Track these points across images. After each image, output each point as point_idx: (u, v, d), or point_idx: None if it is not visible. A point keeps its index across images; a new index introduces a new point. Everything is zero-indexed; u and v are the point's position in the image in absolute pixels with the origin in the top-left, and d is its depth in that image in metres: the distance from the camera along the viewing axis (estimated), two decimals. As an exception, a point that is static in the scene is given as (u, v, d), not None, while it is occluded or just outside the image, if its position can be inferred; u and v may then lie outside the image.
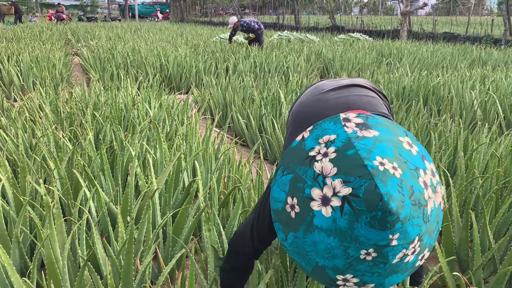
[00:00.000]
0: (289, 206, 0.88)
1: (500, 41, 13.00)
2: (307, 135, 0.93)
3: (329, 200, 0.82)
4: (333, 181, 0.82)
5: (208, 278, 1.73)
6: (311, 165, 0.87)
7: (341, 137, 0.87)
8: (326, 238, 0.83)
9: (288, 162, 0.92)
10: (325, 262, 0.86)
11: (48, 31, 13.56)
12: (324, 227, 0.82)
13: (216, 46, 8.77)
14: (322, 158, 0.86)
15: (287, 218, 0.89)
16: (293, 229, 0.88)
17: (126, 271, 1.50)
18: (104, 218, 1.86)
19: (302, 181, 0.86)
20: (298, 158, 0.91)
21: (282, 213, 0.90)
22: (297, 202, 0.87)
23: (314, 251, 0.86)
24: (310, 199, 0.84)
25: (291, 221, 0.88)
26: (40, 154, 2.33)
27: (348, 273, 0.85)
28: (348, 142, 0.85)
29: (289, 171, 0.90)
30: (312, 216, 0.84)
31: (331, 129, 0.91)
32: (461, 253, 1.94)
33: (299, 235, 0.87)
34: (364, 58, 7.66)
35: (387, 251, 0.80)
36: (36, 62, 6.01)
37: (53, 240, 1.50)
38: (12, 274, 1.37)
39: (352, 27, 18.56)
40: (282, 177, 0.92)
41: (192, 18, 30.16)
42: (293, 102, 1.50)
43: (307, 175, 0.86)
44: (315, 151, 0.88)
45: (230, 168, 2.53)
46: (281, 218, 0.91)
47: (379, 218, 0.78)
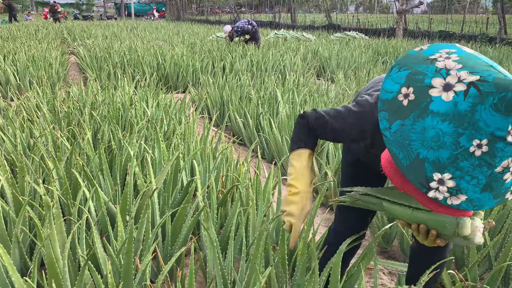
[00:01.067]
0: (403, 95, 0.88)
1: (495, 39, 13.07)
2: (425, 48, 0.94)
3: (452, 86, 0.82)
4: (458, 72, 0.83)
5: (207, 277, 1.74)
6: (432, 63, 0.87)
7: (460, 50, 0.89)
8: (440, 123, 0.81)
9: (406, 63, 0.92)
10: (428, 154, 0.83)
11: (44, 30, 13.50)
12: (441, 111, 0.81)
13: (213, 45, 8.77)
14: (445, 59, 0.87)
15: (397, 106, 0.88)
16: (402, 116, 0.87)
17: (126, 270, 1.51)
18: (104, 217, 1.87)
19: (421, 74, 0.87)
20: (416, 60, 0.91)
21: (393, 102, 0.89)
22: (413, 91, 0.86)
23: (420, 140, 0.84)
24: (430, 87, 0.84)
25: (402, 109, 0.87)
26: (38, 154, 2.33)
27: (448, 171, 0.83)
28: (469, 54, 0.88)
29: (407, 67, 0.90)
30: (429, 102, 0.83)
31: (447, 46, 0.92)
32: (457, 250, 1.97)
33: (407, 122, 0.86)
34: (360, 57, 7.69)
35: (498, 148, 0.79)
36: (32, 61, 6.00)
37: (53, 239, 1.51)
38: (13, 274, 1.38)
39: (348, 25, 18.59)
40: (398, 72, 0.91)
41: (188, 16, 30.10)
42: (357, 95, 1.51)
43: (427, 70, 0.86)
44: (436, 56, 0.89)
45: (228, 167, 2.54)
46: (390, 107, 0.90)
47: (507, 100, 0.77)
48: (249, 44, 8.47)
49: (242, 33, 8.73)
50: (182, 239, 1.85)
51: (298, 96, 4.22)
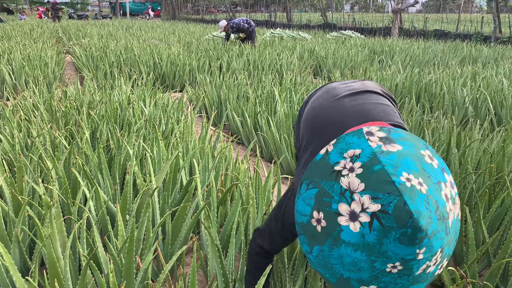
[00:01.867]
0: (315, 220, 0.89)
1: (489, 38, 13.14)
2: (331, 149, 0.93)
3: (358, 216, 0.83)
4: (361, 197, 0.83)
5: (208, 276, 1.75)
6: (337, 179, 0.87)
7: (366, 152, 0.88)
8: (353, 252, 0.84)
9: (313, 176, 0.92)
10: (350, 275, 0.87)
11: (38, 29, 13.43)
12: (352, 242, 0.84)
13: (209, 44, 8.75)
14: (349, 173, 0.86)
15: (313, 231, 0.90)
16: (319, 242, 0.89)
17: (128, 269, 1.51)
18: (104, 217, 1.86)
19: (328, 196, 0.87)
20: (323, 172, 0.91)
21: (308, 226, 0.91)
22: (323, 217, 0.87)
23: (339, 264, 0.87)
24: (337, 214, 0.85)
25: (317, 235, 0.89)
26: (36, 154, 2.32)
27: (373, 284, 0.86)
28: (374, 157, 0.86)
29: (314, 185, 0.91)
30: (340, 231, 0.85)
31: (355, 143, 0.91)
32: (456, 247, 1.98)
33: (325, 248, 0.88)
34: (357, 56, 7.71)
35: (413, 264, 0.82)
36: (28, 60, 5.96)
37: (54, 239, 1.50)
38: (14, 274, 1.37)
39: (343, 24, 18.62)
40: (307, 191, 0.92)
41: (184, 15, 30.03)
42: (303, 104, 1.50)
43: (333, 190, 0.87)
44: (341, 165, 0.89)
45: (227, 166, 2.54)
46: (306, 231, 0.91)
47: (408, 235, 0.79)
48: (245, 44, 8.47)
49: (237, 30, 8.72)
50: (183, 238, 1.85)
51: (296, 95, 4.23)
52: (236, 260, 1.88)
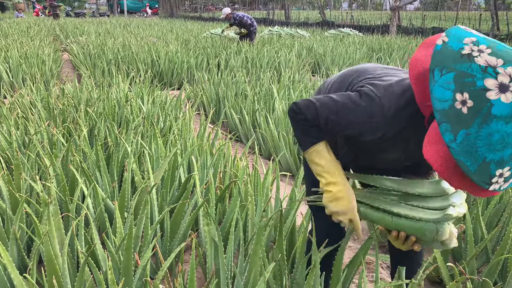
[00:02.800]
0: (459, 102, 0.88)
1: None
2: (447, 40, 0.95)
3: (508, 87, 0.85)
4: (505, 69, 0.86)
5: (207, 272, 1.74)
6: (471, 60, 0.89)
7: (480, 38, 0.93)
8: (504, 126, 0.85)
9: (443, 62, 0.92)
10: (494, 156, 0.88)
11: (35, 27, 13.37)
12: (504, 114, 0.85)
13: (207, 42, 8.74)
14: (480, 53, 0.89)
15: (457, 115, 0.89)
16: (465, 125, 0.88)
17: (126, 266, 1.50)
18: (102, 214, 1.86)
19: (469, 76, 0.88)
20: (452, 57, 0.92)
21: (451, 111, 0.89)
22: (469, 96, 0.87)
23: (486, 145, 0.87)
24: (485, 90, 0.86)
25: (463, 118, 0.88)
26: (34, 151, 2.31)
27: (508, 165, 0.88)
28: (490, 41, 0.91)
29: (449, 69, 0.91)
30: (490, 106, 0.85)
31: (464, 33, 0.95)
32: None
33: (472, 131, 0.88)
34: (355, 53, 7.71)
35: None
36: (25, 58, 5.94)
37: (52, 236, 1.50)
38: (12, 271, 1.37)
39: (342, 22, 18.61)
40: (442, 76, 0.91)
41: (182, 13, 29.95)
42: (321, 90, 1.45)
43: (472, 69, 0.88)
44: (467, 49, 0.91)
45: (225, 163, 2.53)
46: (449, 117, 0.90)
47: None
48: (243, 41, 8.45)
49: (239, 24, 8.67)
50: (181, 235, 1.85)
51: (294, 92, 4.22)
52: (235, 257, 1.88)
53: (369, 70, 1.27)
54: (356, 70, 1.32)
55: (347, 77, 1.32)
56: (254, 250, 1.54)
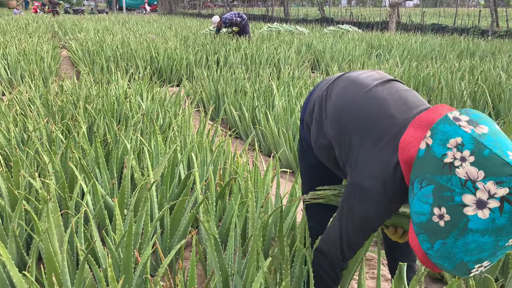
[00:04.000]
0: (437, 216, 0.90)
1: (487, 32, 13.13)
2: (431, 142, 0.94)
3: (486, 203, 0.84)
4: (485, 185, 0.85)
5: (207, 269, 1.74)
6: (452, 172, 0.88)
7: (466, 138, 0.89)
8: (481, 237, 0.86)
9: (424, 173, 0.93)
10: (471, 258, 0.89)
11: (34, 23, 13.32)
12: (480, 228, 0.86)
13: (206, 39, 8.71)
14: (462, 163, 0.88)
15: (435, 228, 0.91)
16: (442, 237, 0.90)
17: (126, 263, 1.50)
18: (101, 211, 1.85)
19: (448, 190, 0.88)
20: (433, 167, 0.92)
21: (428, 224, 0.92)
22: (446, 211, 0.88)
23: (462, 252, 0.89)
24: (463, 205, 0.86)
25: (440, 230, 0.90)
26: (33, 148, 2.30)
27: (487, 261, 0.90)
28: (476, 142, 0.88)
29: (428, 182, 0.92)
30: (467, 221, 0.86)
31: (451, 131, 0.92)
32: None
33: (448, 241, 0.90)
34: (354, 50, 7.69)
35: None
36: (23, 55, 5.91)
37: (51, 233, 1.49)
38: (11, 269, 1.36)
39: (341, 18, 18.57)
40: (422, 189, 0.93)
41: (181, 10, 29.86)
42: (310, 99, 1.41)
43: (452, 183, 0.88)
44: (450, 157, 0.90)
45: (225, 160, 2.53)
46: (427, 229, 0.93)
47: None
48: (242, 37, 8.43)
49: (230, 25, 8.70)
50: (182, 232, 1.84)
51: (294, 89, 4.21)
52: (235, 253, 1.87)
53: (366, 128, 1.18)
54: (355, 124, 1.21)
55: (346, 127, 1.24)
56: (252, 247, 1.54)
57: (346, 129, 1.23)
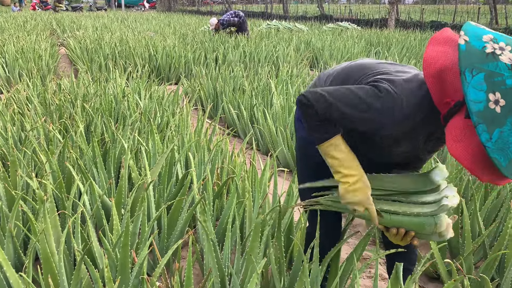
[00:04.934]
0: (493, 102, 0.95)
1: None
2: (468, 38, 1.00)
3: None
4: None
5: (204, 269, 1.74)
6: (496, 59, 0.96)
7: (496, 35, 0.99)
8: None
9: (472, 63, 0.98)
10: None
11: (32, 21, 13.28)
12: None
13: (205, 36, 8.69)
14: (502, 51, 0.96)
15: (492, 115, 0.95)
16: (499, 124, 0.95)
17: (123, 263, 1.50)
18: (98, 211, 1.85)
19: (498, 75, 0.95)
20: (478, 57, 0.98)
21: (486, 111, 0.95)
22: (501, 96, 0.94)
23: None
24: None
25: (497, 116, 0.95)
26: (30, 147, 2.30)
27: None
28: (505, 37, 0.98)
29: (479, 70, 0.97)
30: None
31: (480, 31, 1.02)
32: (452, 239, 1.98)
33: (505, 128, 0.95)
34: (353, 48, 7.67)
35: None
36: (21, 53, 5.89)
37: (48, 234, 1.49)
38: (8, 269, 1.36)
39: (340, 16, 18.53)
40: (474, 77, 0.97)
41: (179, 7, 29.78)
42: (321, 78, 1.40)
43: (500, 68, 0.95)
44: (489, 48, 0.97)
45: (223, 159, 2.53)
46: (485, 117, 0.96)
47: None
48: (240, 35, 8.41)
49: (228, 26, 8.74)
50: (179, 232, 1.84)
51: (292, 87, 4.21)
52: (232, 253, 1.87)
53: (378, 66, 1.26)
54: (362, 66, 1.29)
55: (353, 72, 1.29)
56: (250, 247, 1.54)
57: (354, 72, 1.29)
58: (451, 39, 1.08)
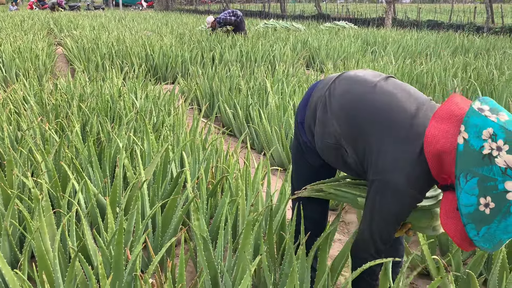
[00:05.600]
0: (483, 205, 1.00)
1: (482, 28, 13.16)
2: (467, 136, 1.02)
3: None
4: None
5: (198, 266, 1.77)
6: (492, 162, 0.98)
7: (496, 128, 0.99)
8: None
9: (467, 167, 1.01)
10: (508, 236, 1.02)
11: (29, 20, 13.27)
12: None
13: (202, 35, 8.71)
14: (499, 152, 0.97)
15: (481, 216, 1.01)
16: (487, 223, 1.01)
17: (117, 261, 1.52)
18: (93, 209, 1.88)
19: (491, 180, 0.98)
20: (474, 159, 1.00)
21: (475, 213, 1.02)
22: (491, 199, 0.99)
23: (503, 233, 1.01)
24: (506, 192, 0.97)
25: (486, 217, 1.01)
26: (26, 147, 2.32)
27: None
28: (505, 130, 0.98)
29: (473, 174, 1.01)
30: (509, 206, 0.97)
31: (481, 123, 1.01)
32: (442, 237, 2.01)
33: (492, 226, 1.01)
34: (350, 47, 7.70)
35: None
36: (18, 52, 5.90)
37: (43, 232, 1.52)
38: (3, 267, 1.39)
39: (337, 15, 18.56)
40: (468, 182, 1.02)
41: (177, 6, 29.76)
42: (325, 95, 1.37)
43: (494, 173, 0.98)
44: (487, 148, 0.99)
45: (217, 158, 2.55)
46: (474, 218, 1.02)
47: None
48: (237, 34, 8.43)
49: (225, 25, 8.75)
50: (172, 229, 1.87)
51: (288, 86, 4.23)
52: (225, 251, 1.90)
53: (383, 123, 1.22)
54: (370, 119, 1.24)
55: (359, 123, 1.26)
56: (242, 244, 1.57)
57: (361, 125, 1.26)
58: (454, 115, 1.10)
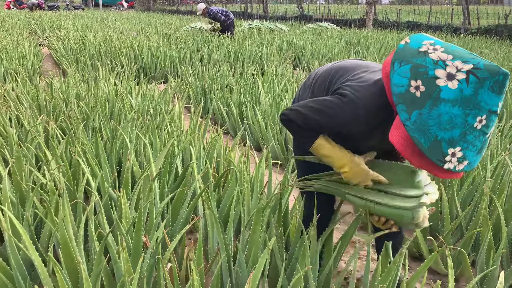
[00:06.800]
0: (414, 88, 1.07)
1: (459, 29, 13.60)
2: (409, 40, 1.14)
3: (454, 76, 1.03)
4: (453, 62, 1.04)
5: (209, 254, 1.88)
6: (426, 55, 1.07)
7: (437, 42, 1.10)
8: (451, 108, 1.02)
9: (403, 57, 1.11)
10: (444, 135, 1.04)
11: (9, 20, 13.06)
12: (451, 98, 1.02)
13: (188, 36, 8.77)
14: (434, 51, 1.07)
15: (412, 98, 1.07)
16: (418, 107, 1.06)
17: (136, 247, 1.63)
18: (107, 202, 1.96)
19: (423, 67, 1.06)
20: (411, 53, 1.10)
21: (406, 94, 1.08)
22: (422, 83, 1.06)
23: (436, 125, 1.04)
24: (435, 78, 1.04)
25: (416, 100, 1.06)
26: (33, 144, 2.38)
27: (458, 145, 1.04)
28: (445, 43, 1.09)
29: (407, 62, 1.09)
30: (439, 91, 1.03)
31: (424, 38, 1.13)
32: (433, 221, 2.17)
33: (424, 111, 1.05)
34: (334, 47, 7.90)
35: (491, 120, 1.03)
36: (5, 53, 5.87)
37: (66, 221, 1.60)
38: (33, 253, 1.47)
39: (319, 16, 18.84)
40: (401, 67, 1.10)
41: (159, 6, 29.61)
42: (310, 78, 1.57)
43: (426, 62, 1.06)
44: (424, 48, 1.09)
45: (217, 154, 2.66)
46: (405, 99, 1.08)
47: (500, 82, 1.01)
48: (223, 35, 8.52)
49: (213, 18, 8.81)
50: (184, 219, 1.97)
51: (279, 85, 4.37)
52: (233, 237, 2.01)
53: (349, 70, 1.41)
54: (337, 69, 1.46)
55: (328, 75, 1.47)
56: (253, 229, 1.69)
57: (333, 76, 1.43)
58: None
